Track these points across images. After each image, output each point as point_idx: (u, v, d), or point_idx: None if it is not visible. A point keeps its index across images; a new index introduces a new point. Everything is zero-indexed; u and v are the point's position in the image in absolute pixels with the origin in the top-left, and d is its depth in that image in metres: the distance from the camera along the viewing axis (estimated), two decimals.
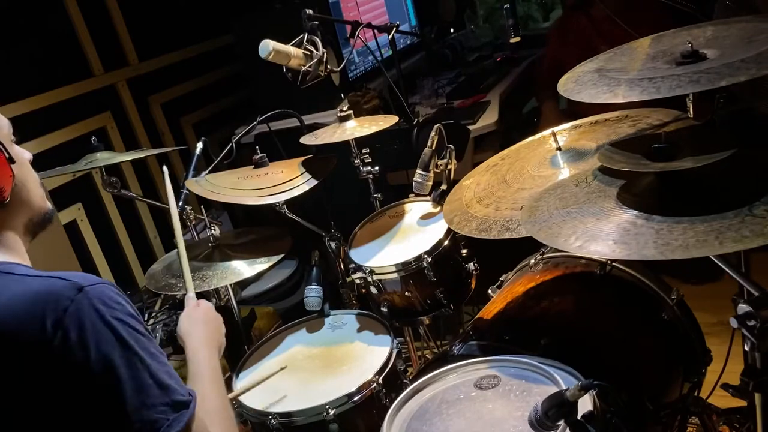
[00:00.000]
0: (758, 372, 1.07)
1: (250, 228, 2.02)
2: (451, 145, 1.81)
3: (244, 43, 2.93)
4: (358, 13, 3.17)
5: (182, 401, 0.91)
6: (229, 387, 1.47)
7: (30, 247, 1.07)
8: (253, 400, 1.57)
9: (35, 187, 1.05)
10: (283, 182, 1.80)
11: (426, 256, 1.67)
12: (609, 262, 1.58)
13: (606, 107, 1.65)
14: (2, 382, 0.86)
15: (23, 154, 1.05)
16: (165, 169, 1.65)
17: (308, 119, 2.52)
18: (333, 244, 1.96)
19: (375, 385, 1.54)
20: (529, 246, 1.36)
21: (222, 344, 1.24)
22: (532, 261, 1.71)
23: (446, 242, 1.71)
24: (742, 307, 1.01)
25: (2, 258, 0.98)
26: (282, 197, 1.75)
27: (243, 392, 1.56)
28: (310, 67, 1.84)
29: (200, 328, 1.20)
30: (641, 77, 1.10)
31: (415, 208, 1.94)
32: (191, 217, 1.86)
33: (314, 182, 1.83)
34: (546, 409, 0.97)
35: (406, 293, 1.74)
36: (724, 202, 0.98)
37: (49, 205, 1.09)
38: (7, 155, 0.98)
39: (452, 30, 4.01)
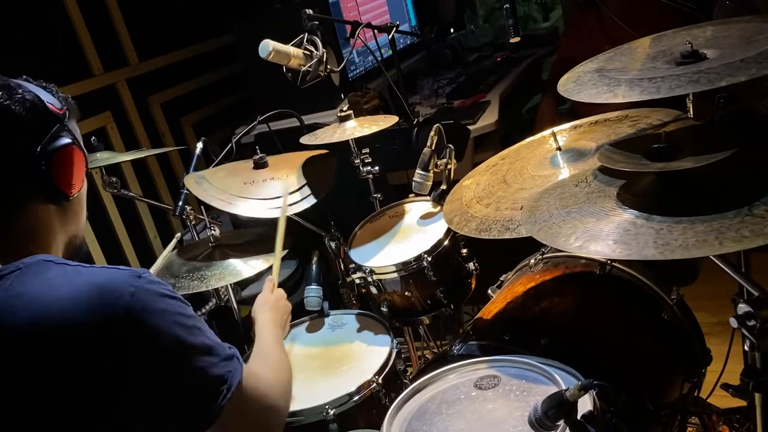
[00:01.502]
0: (758, 372, 1.08)
1: (250, 228, 2.02)
2: (450, 145, 1.80)
3: (244, 43, 2.93)
4: (358, 13, 3.17)
5: (229, 354, 0.99)
6: None
7: None
8: None
9: (83, 212, 1.09)
10: (289, 193, 1.79)
11: (426, 255, 1.67)
12: (609, 262, 1.58)
13: (607, 107, 1.65)
14: (83, 372, 0.86)
15: None
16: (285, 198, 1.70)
17: (308, 119, 2.52)
18: (333, 244, 1.96)
19: (375, 385, 1.54)
20: (529, 246, 1.36)
21: (286, 328, 1.47)
22: (532, 261, 1.71)
23: (446, 242, 1.71)
24: (742, 307, 1.01)
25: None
26: (290, 210, 1.73)
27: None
28: (310, 67, 1.84)
29: (269, 311, 1.42)
30: (641, 77, 1.10)
31: (415, 208, 1.94)
32: (191, 217, 1.86)
33: (319, 196, 1.81)
34: (546, 409, 0.97)
35: (406, 293, 1.74)
36: (724, 202, 0.98)
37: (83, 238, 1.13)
38: (86, 160, 1.04)
39: (452, 30, 4.00)
